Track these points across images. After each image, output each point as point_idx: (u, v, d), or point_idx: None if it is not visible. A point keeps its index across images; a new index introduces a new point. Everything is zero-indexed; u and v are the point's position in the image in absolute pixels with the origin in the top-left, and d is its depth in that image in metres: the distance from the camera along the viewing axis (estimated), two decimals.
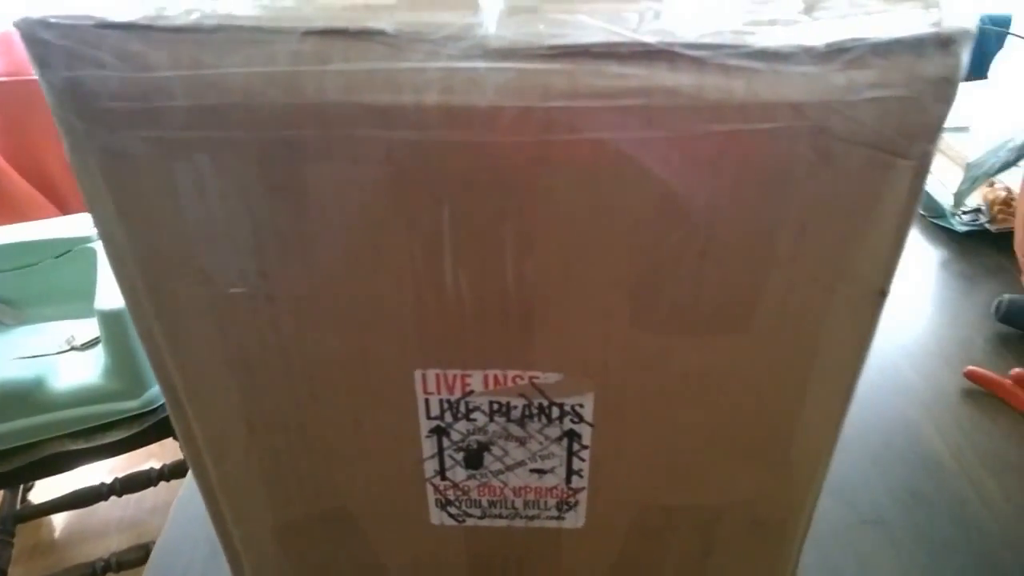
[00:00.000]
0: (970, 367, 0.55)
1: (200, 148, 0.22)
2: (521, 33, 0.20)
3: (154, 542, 1.15)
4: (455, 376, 0.27)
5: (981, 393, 0.55)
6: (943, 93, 0.20)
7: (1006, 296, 0.59)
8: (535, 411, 0.27)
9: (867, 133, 0.20)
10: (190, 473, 0.48)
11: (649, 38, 0.19)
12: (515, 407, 0.27)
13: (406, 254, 0.23)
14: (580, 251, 0.23)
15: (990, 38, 0.84)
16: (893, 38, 0.19)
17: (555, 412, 0.27)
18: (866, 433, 0.52)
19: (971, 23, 0.19)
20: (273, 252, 0.24)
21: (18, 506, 1.18)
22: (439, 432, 0.28)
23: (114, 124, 0.21)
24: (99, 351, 0.93)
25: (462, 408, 0.28)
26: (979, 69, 0.86)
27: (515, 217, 0.22)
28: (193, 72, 0.21)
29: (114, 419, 0.91)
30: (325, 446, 0.29)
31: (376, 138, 0.21)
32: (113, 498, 1.19)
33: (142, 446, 0.93)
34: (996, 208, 0.67)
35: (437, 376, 0.27)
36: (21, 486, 1.24)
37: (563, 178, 0.21)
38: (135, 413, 0.92)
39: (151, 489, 1.22)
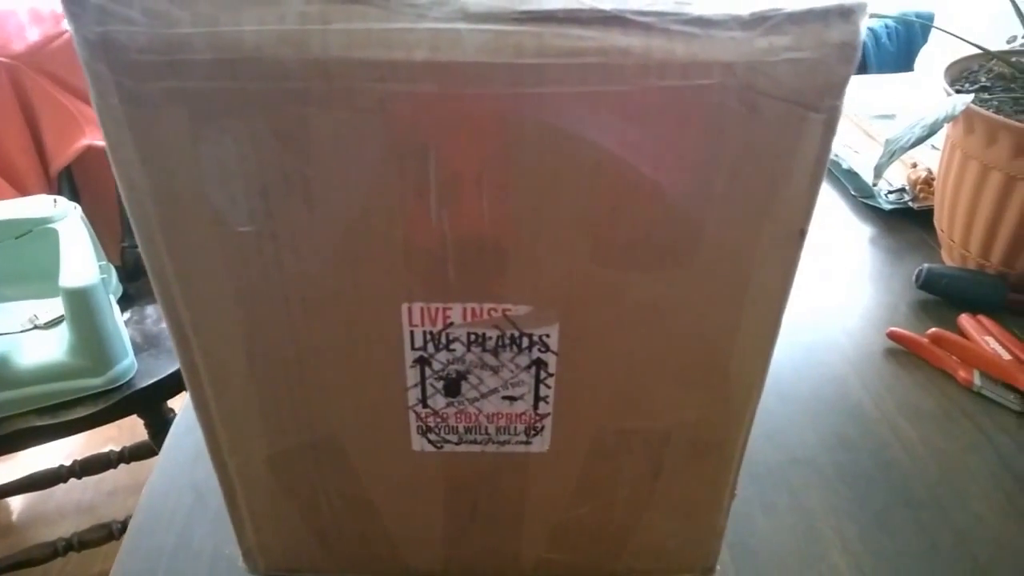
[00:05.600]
0: (892, 328, 0.61)
1: (216, 98, 0.25)
2: (497, 0, 0.23)
3: (116, 522, 1.15)
4: (438, 309, 0.30)
5: (902, 351, 0.60)
6: (846, 55, 0.24)
7: (926, 265, 0.65)
8: (507, 341, 0.31)
9: (785, 89, 0.24)
10: (176, 423, 0.50)
11: (605, 5, 0.23)
12: (490, 337, 0.31)
13: (397, 195, 0.27)
14: (547, 195, 0.27)
15: (915, 32, 0.91)
16: (805, 9, 0.23)
17: (525, 342, 0.31)
18: (799, 385, 0.57)
19: None
20: (278, 193, 0.27)
21: None
22: (422, 362, 0.32)
23: (140, 75, 0.24)
24: (63, 329, 0.93)
25: (443, 339, 0.31)
26: (907, 62, 0.93)
27: (492, 163, 0.26)
28: (211, 29, 0.24)
29: (79, 396, 0.92)
30: (319, 377, 0.32)
31: (371, 89, 0.24)
32: (72, 481, 1.19)
33: (107, 422, 0.94)
34: (918, 187, 0.73)
35: (422, 309, 0.30)
36: None
37: (532, 130, 0.25)
38: (100, 390, 0.93)
39: (110, 472, 1.22)
